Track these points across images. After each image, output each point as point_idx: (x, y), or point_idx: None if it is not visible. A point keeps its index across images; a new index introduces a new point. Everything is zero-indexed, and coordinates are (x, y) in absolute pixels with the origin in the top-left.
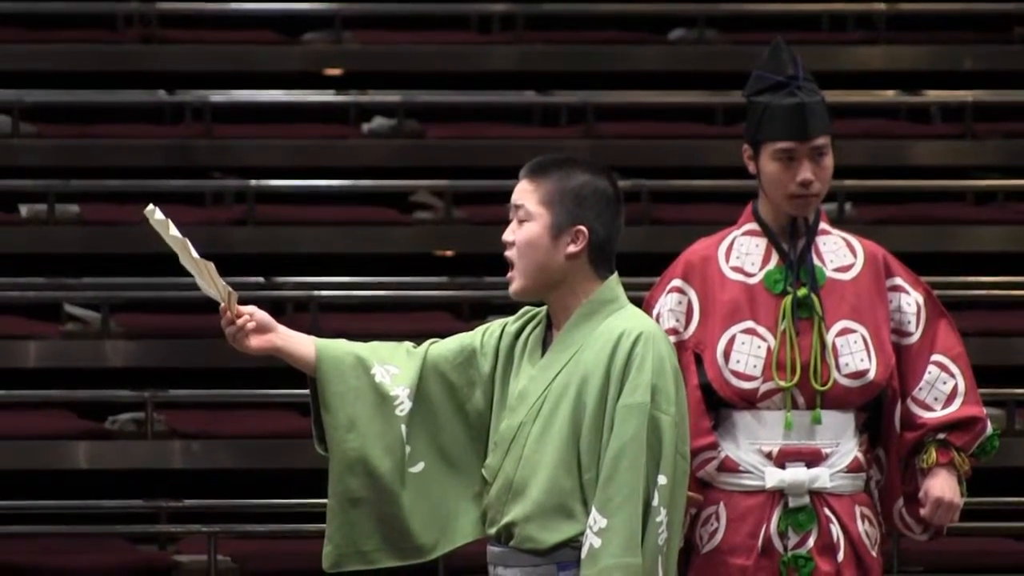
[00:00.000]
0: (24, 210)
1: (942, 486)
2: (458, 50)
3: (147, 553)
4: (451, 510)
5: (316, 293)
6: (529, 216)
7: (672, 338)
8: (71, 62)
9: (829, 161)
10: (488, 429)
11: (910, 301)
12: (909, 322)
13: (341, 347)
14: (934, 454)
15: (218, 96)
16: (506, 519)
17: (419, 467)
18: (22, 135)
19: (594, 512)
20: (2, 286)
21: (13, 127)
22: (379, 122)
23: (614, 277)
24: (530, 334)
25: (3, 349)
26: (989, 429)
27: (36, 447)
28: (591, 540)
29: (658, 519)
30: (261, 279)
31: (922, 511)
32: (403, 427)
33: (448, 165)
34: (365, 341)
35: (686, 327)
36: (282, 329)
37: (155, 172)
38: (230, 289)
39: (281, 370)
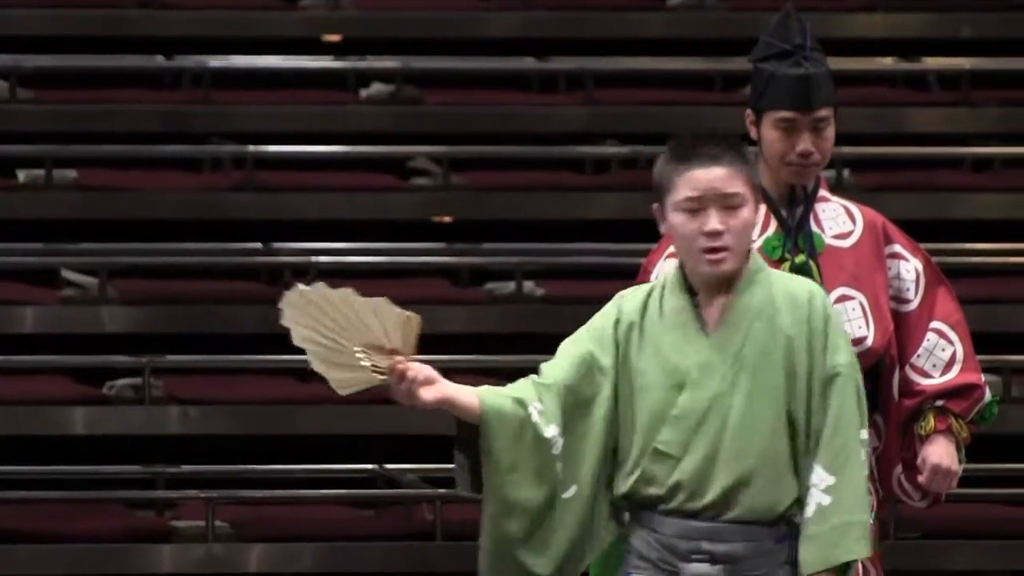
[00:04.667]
0: (21, 175)
1: (940, 453)
2: (457, 16)
3: (145, 519)
4: (592, 529)
5: (314, 259)
6: (744, 201)
7: None
8: (69, 27)
9: (830, 132)
10: (617, 421)
11: (909, 268)
12: (908, 289)
13: (497, 390)
14: (932, 421)
15: (216, 61)
16: (716, 492)
17: (570, 492)
18: (20, 100)
19: (819, 470)
20: None
21: (11, 92)
22: (377, 88)
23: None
24: (660, 308)
25: (0, 315)
26: (987, 396)
27: (33, 413)
28: (818, 498)
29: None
30: (259, 245)
31: (920, 478)
32: (559, 464)
33: (446, 131)
34: None
35: None
36: (443, 379)
37: (153, 137)
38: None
39: (278, 336)
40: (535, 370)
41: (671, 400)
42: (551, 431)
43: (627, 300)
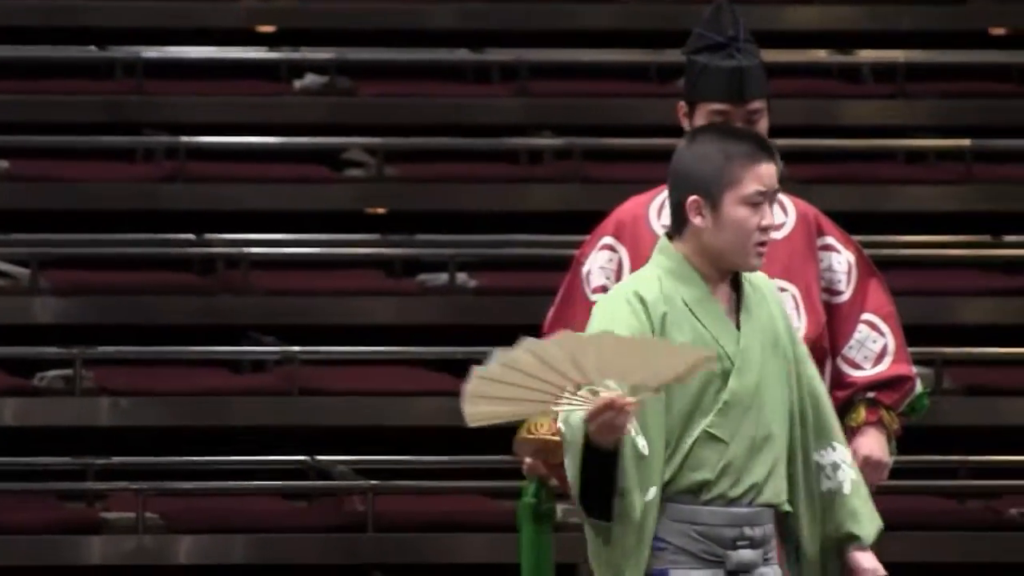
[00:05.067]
0: None
1: (871, 444)
2: (391, 7)
3: (75, 510)
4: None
5: (247, 250)
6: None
7: (602, 295)
8: (0, 17)
9: (764, 124)
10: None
11: (841, 260)
12: (840, 281)
13: None
14: (863, 412)
15: (150, 52)
16: (755, 477)
17: (651, 495)
18: None
19: (839, 447)
20: None
21: None
22: (311, 79)
23: None
24: (682, 297)
25: None
26: (918, 388)
27: None
28: (850, 474)
29: None
30: (192, 236)
31: None
32: (647, 471)
33: (380, 123)
34: (298, 298)
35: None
36: None
37: (86, 128)
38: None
39: (209, 327)
40: (468, 361)
41: (718, 385)
42: (641, 442)
43: (643, 289)
